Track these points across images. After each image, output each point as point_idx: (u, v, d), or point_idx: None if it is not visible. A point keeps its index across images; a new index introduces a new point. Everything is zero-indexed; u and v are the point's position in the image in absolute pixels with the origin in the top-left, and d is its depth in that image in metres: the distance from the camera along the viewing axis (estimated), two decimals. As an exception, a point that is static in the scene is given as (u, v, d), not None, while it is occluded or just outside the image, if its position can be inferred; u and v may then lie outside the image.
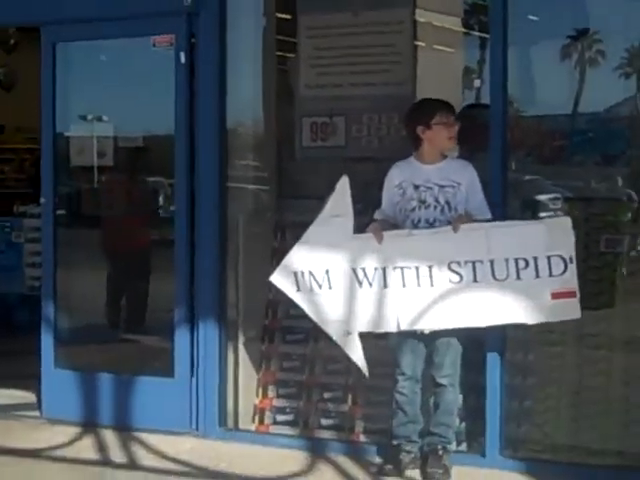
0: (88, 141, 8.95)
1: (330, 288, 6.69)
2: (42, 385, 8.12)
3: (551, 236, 6.34)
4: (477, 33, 8.01)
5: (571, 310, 6.33)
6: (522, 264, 6.33)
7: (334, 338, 6.78)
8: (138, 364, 7.96)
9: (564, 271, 6.28)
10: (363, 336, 6.71)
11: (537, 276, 6.32)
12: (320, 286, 6.71)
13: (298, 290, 6.79)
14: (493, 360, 6.77)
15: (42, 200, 8.38)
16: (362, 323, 6.67)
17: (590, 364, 6.99)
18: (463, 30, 8.31)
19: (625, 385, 6.89)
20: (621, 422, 6.86)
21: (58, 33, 8.21)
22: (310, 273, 6.72)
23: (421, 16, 7.97)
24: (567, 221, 6.41)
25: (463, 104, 7.77)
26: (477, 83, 7.22)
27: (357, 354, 6.70)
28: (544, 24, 7.88)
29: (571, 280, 6.29)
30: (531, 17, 7.80)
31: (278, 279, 6.87)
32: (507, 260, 6.35)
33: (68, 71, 8.38)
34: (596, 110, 8.00)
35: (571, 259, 6.28)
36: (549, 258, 6.29)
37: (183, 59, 7.76)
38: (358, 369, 6.79)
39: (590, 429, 6.91)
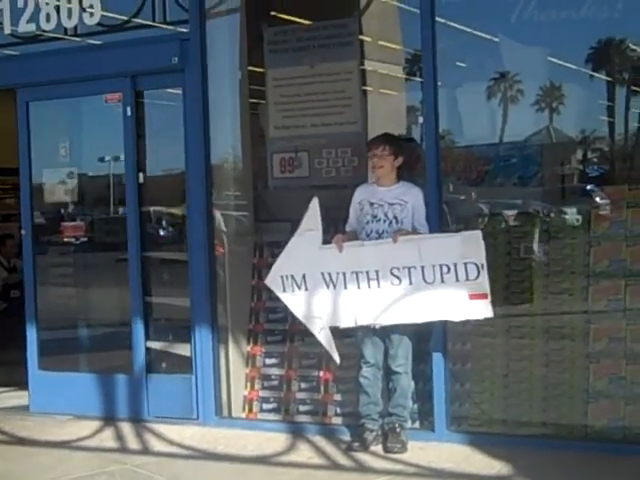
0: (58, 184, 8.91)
1: (307, 290, 6.84)
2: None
3: (466, 246, 6.43)
4: (417, 78, 8.03)
5: (485, 310, 6.44)
6: (445, 269, 6.45)
7: (314, 332, 6.91)
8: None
9: (477, 276, 6.38)
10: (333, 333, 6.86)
11: (457, 280, 6.43)
12: (300, 288, 6.86)
13: (284, 291, 6.95)
14: (437, 350, 6.90)
15: (23, 232, 8.50)
16: (330, 319, 6.81)
17: (516, 351, 7.07)
18: (404, 76, 8.37)
19: (545, 367, 6.97)
20: (543, 398, 6.96)
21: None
22: (292, 277, 6.87)
23: (368, 65, 8.04)
24: (478, 234, 6.50)
25: (405, 138, 7.86)
26: (420, 120, 7.30)
27: (330, 345, 6.86)
28: (471, 69, 7.99)
29: (483, 284, 6.39)
30: (459, 64, 7.92)
31: (270, 282, 7.05)
32: (434, 266, 6.47)
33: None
34: (515, 139, 8.04)
35: (482, 266, 6.37)
36: (465, 265, 6.40)
37: (129, 112, 7.94)
38: (331, 358, 6.96)
39: (518, 405, 7.03)
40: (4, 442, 7.62)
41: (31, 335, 8.37)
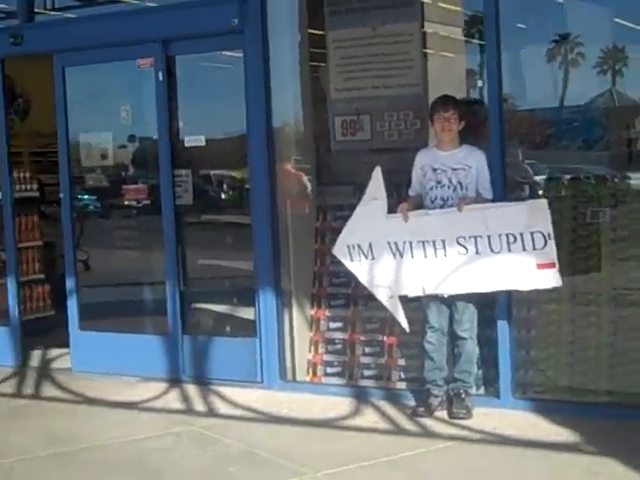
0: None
1: (373, 259, 6.71)
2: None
3: (531, 215, 6.25)
4: (476, 41, 7.78)
5: (553, 279, 6.26)
6: (512, 239, 6.27)
7: (382, 300, 6.77)
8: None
9: (544, 245, 6.20)
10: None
11: (524, 249, 6.25)
12: (366, 257, 6.72)
13: (352, 260, 6.82)
14: (502, 317, 6.70)
15: (61, 195, 8.34)
16: (398, 288, 6.66)
17: (582, 318, 6.84)
18: (464, 39, 8.07)
19: (612, 334, 6.75)
20: (609, 366, 6.73)
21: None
22: (359, 246, 6.73)
23: (429, 28, 7.75)
24: (544, 202, 6.32)
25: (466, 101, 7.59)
26: (479, 83, 7.01)
27: (399, 313, 6.72)
28: (532, 31, 7.67)
29: (551, 253, 6.20)
30: (520, 25, 7.59)
31: (337, 251, 6.92)
32: (500, 235, 6.30)
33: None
34: (578, 103, 7.77)
35: (549, 235, 6.19)
36: (532, 234, 6.23)
37: (161, 77, 7.79)
38: (397, 324, 6.80)
39: (584, 373, 6.81)
40: (73, 402, 7.56)
41: (71, 296, 8.28)
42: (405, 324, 6.73)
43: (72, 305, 8.34)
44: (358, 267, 6.79)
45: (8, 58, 8.65)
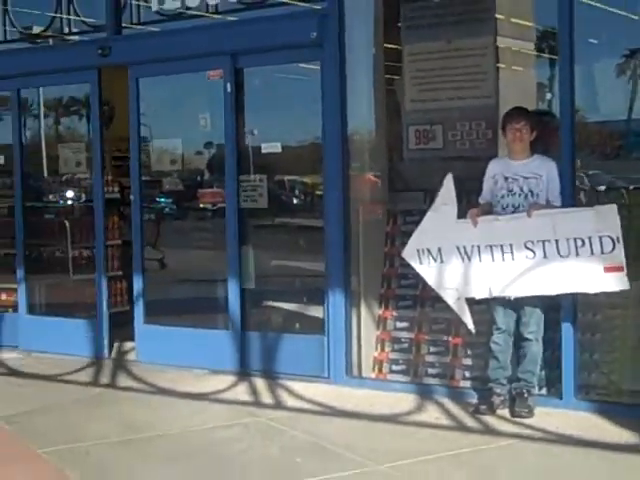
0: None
1: (442, 262, 6.73)
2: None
3: (601, 220, 6.23)
4: (546, 55, 7.83)
5: (621, 282, 6.23)
6: (580, 243, 6.26)
7: (449, 302, 6.79)
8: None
9: (613, 249, 6.18)
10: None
11: (592, 253, 6.24)
12: (435, 260, 6.75)
13: (421, 264, 6.84)
14: (568, 320, 6.68)
15: (131, 197, 8.52)
16: (465, 290, 6.68)
17: (648, 323, 6.79)
18: (535, 53, 8.11)
19: (678, 340, 6.68)
20: (671, 371, 6.67)
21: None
22: (428, 250, 6.76)
23: (501, 42, 7.79)
24: (613, 207, 6.28)
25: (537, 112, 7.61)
26: (549, 96, 7.03)
27: (466, 315, 6.73)
28: (603, 46, 7.70)
29: (619, 257, 6.18)
30: (592, 40, 7.63)
31: (407, 255, 6.95)
32: (568, 240, 6.29)
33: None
34: (647, 116, 7.80)
35: (618, 239, 6.16)
36: (600, 238, 6.21)
37: (229, 89, 7.92)
38: (464, 325, 6.82)
39: (647, 376, 6.77)
40: (147, 392, 7.67)
41: (138, 292, 8.48)
42: (471, 325, 6.74)
43: (139, 301, 8.52)
44: (427, 270, 6.81)
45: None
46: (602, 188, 7.46)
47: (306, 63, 7.99)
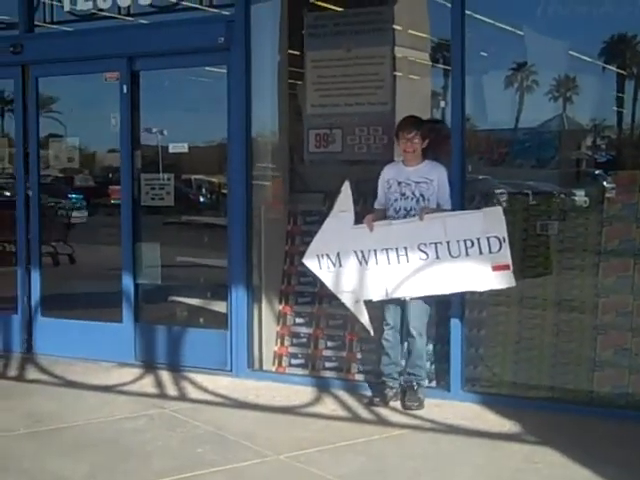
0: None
1: (341, 266, 6.74)
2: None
3: (488, 222, 6.33)
4: (441, 65, 7.96)
5: (508, 280, 6.35)
6: (469, 244, 6.36)
7: (347, 305, 6.82)
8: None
9: (500, 248, 6.29)
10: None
11: (480, 253, 6.34)
12: (334, 265, 6.76)
13: (320, 269, 6.84)
14: (456, 317, 6.79)
15: (29, 193, 8.41)
16: (364, 293, 6.71)
17: (528, 320, 6.96)
18: (430, 63, 8.23)
19: (555, 336, 6.86)
20: (551, 364, 6.85)
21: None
22: (327, 255, 6.77)
23: (399, 52, 7.89)
24: (499, 209, 6.43)
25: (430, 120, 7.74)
26: (443, 104, 7.16)
27: (364, 317, 6.76)
28: (493, 59, 7.87)
29: (506, 256, 6.29)
30: (483, 53, 7.78)
31: (307, 261, 6.93)
32: (458, 241, 6.38)
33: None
34: (532, 125, 7.98)
35: (504, 239, 6.28)
36: (488, 239, 6.31)
37: (125, 90, 7.94)
38: (364, 327, 6.84)
39: (528, 370, 6.93)
40: (55, 384, 7.57)
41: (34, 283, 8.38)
42: (370, 328, 6.77)
43: (35, 294, 8.42)
44: (326, 275, 6.82)
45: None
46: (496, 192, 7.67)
47: (213, 67, 7.98)
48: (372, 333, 6.83)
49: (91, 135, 8.83)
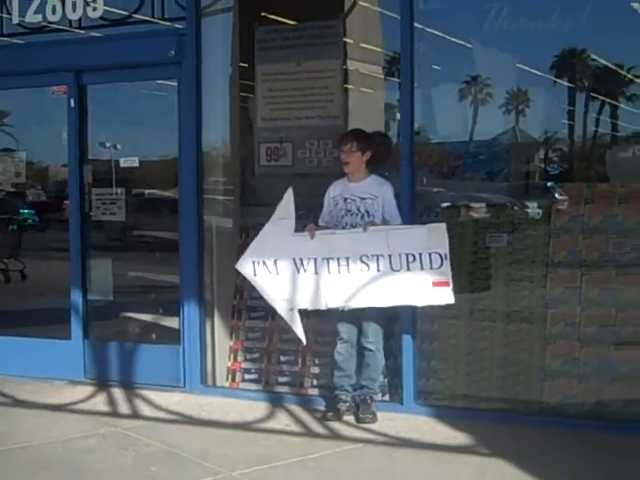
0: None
1: (278, 274, 6.72)
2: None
3: (431, 237, 6.37)
4: (394, 78, 8.01)
5: (447, 296, 6.37)
6: (411, 258, 6.38)
7: (280, 313, 6.82)
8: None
9: (441, 265, 6.32)
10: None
11: (422, 268, 6.36)
12: (270, 272, 6.74)
13: (255, 275, 6.83)
14: (407, 330, 6.86)
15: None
16: (300, 302, 6.71)
17: (479, 332, 7.06)
18: (382, 76, 8.34)
19: (505, 347, 6.98)
20: (502, 376, 6.95)
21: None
22: (264, 262, 6.74)
23: (351, 65, 7.98)
24: (443, 226, 6.42)
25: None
26: (397, 116, 7.25)
27: (297, 326, 6.76)
28: (445, 72, 7.98)
29: (446, 272, 6.32)
30: (434, 67, 7.88)
31: (241, 266, 6.91)
32: (400, 255, 6.41)
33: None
34: (484, 138, 8.09)
35: (446, 256, 6.31)
36: (430, 255, 6.34)
37: (73, 104, 7.95)
38: (298, 338, 6.85)
39: (480, 382, 7.03)
40: (6, 404, 7.53)
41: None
42: (302, 336, 6.77)
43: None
44: (261, 281, 6.81)
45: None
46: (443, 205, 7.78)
47: (164, 80, 8.03)
48: (304, 342, 6.85)
49: (43, 149, 8.85)
